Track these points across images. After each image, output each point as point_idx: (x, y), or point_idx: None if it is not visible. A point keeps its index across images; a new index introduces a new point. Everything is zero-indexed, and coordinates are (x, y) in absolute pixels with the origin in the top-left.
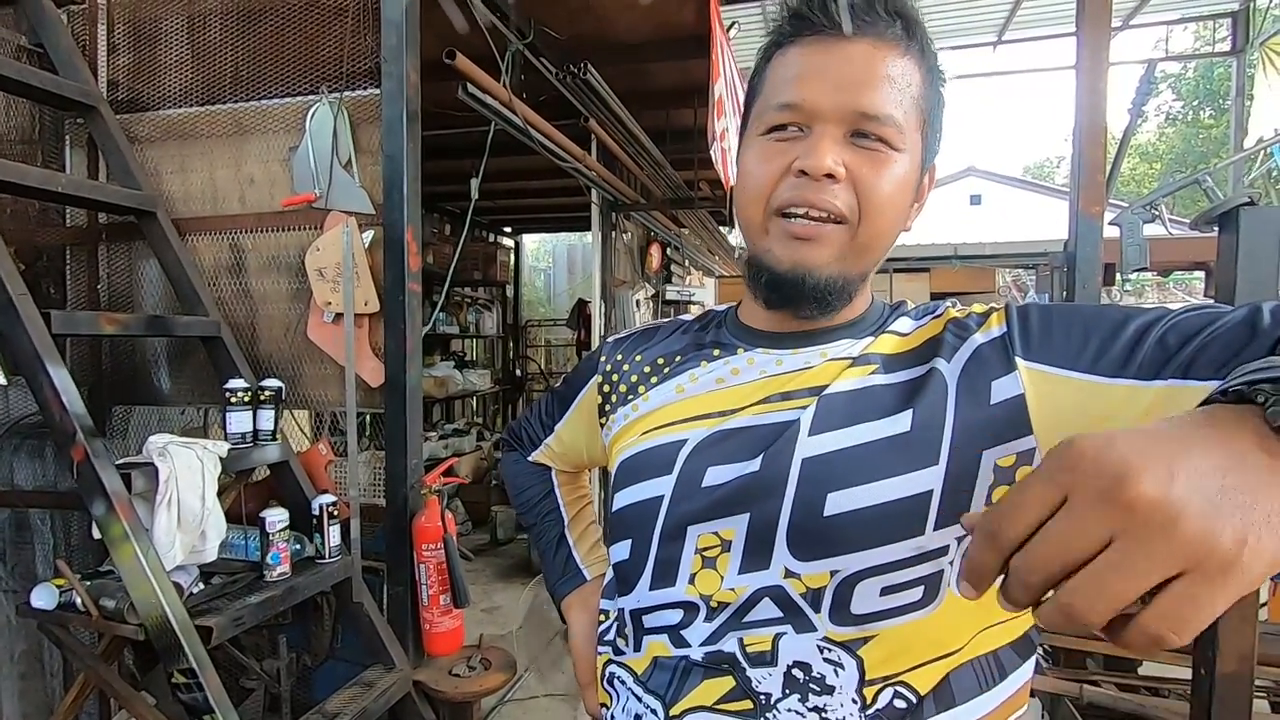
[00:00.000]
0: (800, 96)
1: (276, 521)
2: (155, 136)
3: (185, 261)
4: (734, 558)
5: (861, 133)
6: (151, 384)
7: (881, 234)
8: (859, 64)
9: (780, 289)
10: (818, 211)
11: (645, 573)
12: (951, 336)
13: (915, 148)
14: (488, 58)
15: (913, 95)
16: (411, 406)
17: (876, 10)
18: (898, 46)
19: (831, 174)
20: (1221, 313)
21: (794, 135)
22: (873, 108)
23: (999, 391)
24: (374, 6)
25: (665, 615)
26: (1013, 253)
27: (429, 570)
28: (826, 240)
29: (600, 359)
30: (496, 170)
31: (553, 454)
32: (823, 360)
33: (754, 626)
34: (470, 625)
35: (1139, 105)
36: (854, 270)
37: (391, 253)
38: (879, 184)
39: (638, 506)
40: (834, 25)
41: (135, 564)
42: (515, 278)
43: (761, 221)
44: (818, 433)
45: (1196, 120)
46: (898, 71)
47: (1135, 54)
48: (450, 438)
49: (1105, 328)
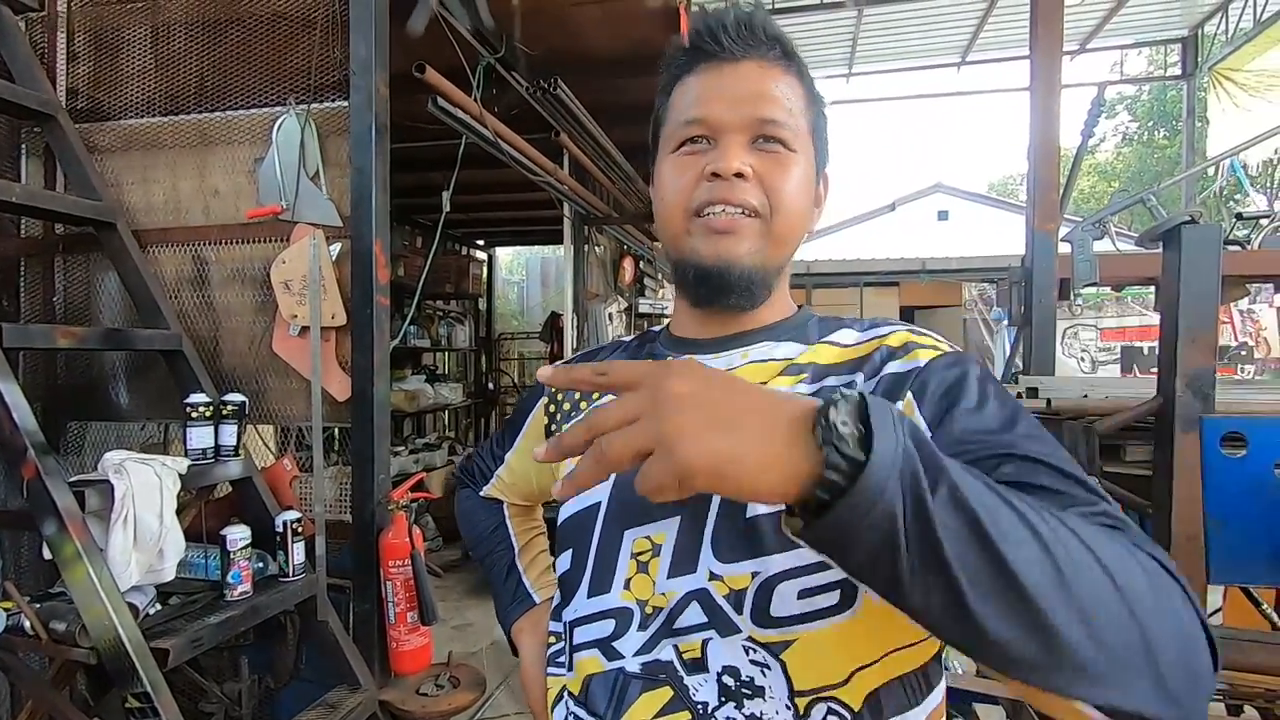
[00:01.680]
0: (705, 112)
1: (238, 539)
2: (116, 146)
3: (146, 273)
4: (664, 561)
5: (763, 137)
6: (109, 399)
7: (792, 226)
8: (752, 80)
9: (707, 281)
10: (733, 207)
11: (584, 581)
12: (878, 357)
13: (809, 153)
14: (459, 71)
15: (799, 108)
16: (379, 421)
17: (758, 35)
18: (780, 65)
19: (741, 173)
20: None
21: (702, 148)
22: (770, 114)
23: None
24: (343, 19)
25: (597, 627)
26: (978, 267)
27: (396, 587)
28: (744, 232)
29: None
30: (469, 183)
31: (504, 485)
32: (744, 361)
33: (685, 633)
34: (440, 642)
35: (1090, 128)
36: (772, 261)
37: (359, 265)
38: (783, 181)
39: (578, 516)
40: (725, 51)
41: (88, 585)
42: (488, 290)
43: (683, 224)
44: None
45: (1152, 140)
46: (784, 86)
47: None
48: (421, 452)
49: (989, 429)
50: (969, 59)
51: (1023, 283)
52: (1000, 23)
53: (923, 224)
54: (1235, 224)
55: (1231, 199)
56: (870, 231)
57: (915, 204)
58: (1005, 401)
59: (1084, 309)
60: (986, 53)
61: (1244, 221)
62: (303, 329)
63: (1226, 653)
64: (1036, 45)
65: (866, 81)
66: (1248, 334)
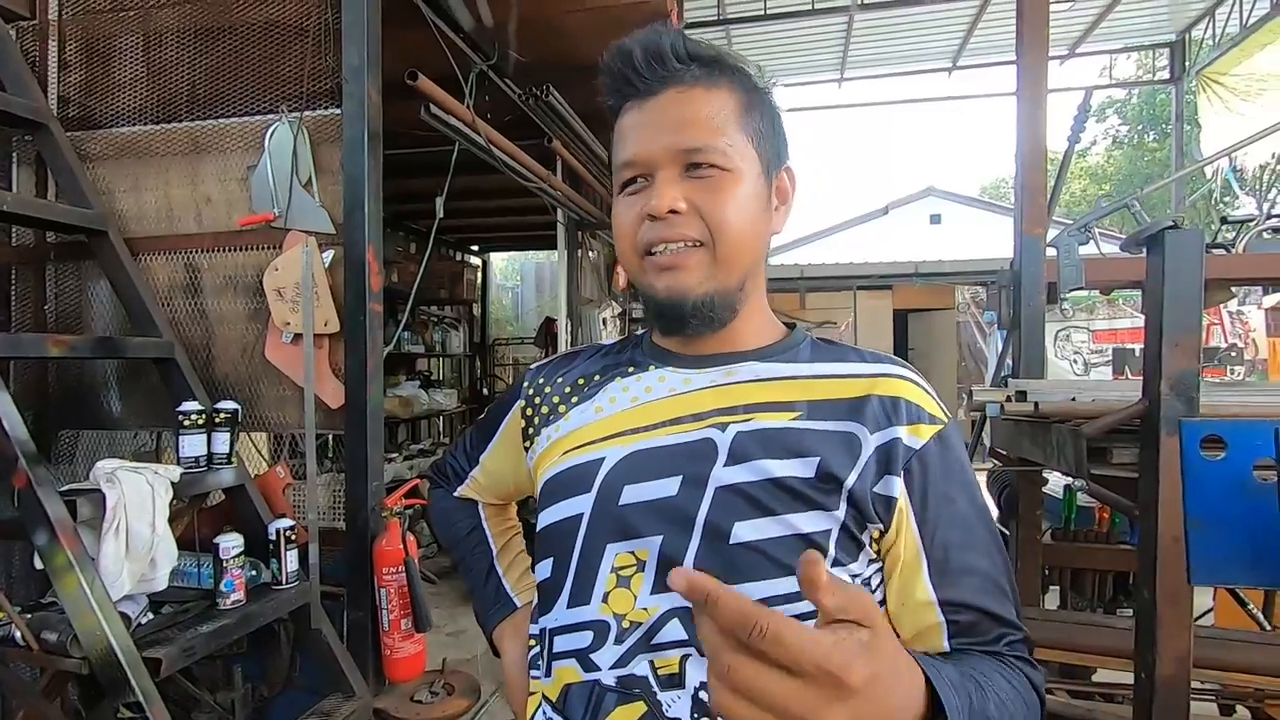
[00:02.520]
0: (634, 153)
1: (231, 547)
2: (108, 154)
3: (138, 281)
4: (648, 577)
5: (693, 164)
6: (101, 407)
7: (738, 246)
8: (671, 110)
9: (665, 315)
10: (673, 244)
11: (564, 591)
12: (880, 409)
13: (751, 161)
14: (451, 78)
15: (732, 119)
16: (373, 428)
17: (669, 63)
18: (701, 84)
19: (674, 209)
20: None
21: (642, 187)
22: (693, 142)
23: (886, 485)
24: (335, 26)
25: (576, 637)
26: (971, 270)
27: (390, 594)
28: (689, 264)
29: (523, 385)
30: (463, 189)
31: (479, 486)
32: (729, 380)
33: (663, 649)
34: (434, 650)
35: (1076, 133)
36: (726, 284)
37: (352, 272)
38: (719, 205)
39: (559, 525)
40: (641, 87)
41: (79, 594)
42: (483, 296)
43: (638, 263)
44: (733, 464)
45: (1142, 144)
46: (708, 105)
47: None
48: (416, 458)
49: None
50: (960, 64)
51: (1011, 286)
52: (990, 28)
53: (915, 227)
54: (1221, 228)
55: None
56: (863, 235)
57: (908, 207)
58: (972, 503)
59: (1076, 311)
60: (977, 58)
61: (1229, 225)
62: (295, 336)
63: (1217, 653)
64: (1023, 51)
65: (858, 86)
66: (1238, 335)
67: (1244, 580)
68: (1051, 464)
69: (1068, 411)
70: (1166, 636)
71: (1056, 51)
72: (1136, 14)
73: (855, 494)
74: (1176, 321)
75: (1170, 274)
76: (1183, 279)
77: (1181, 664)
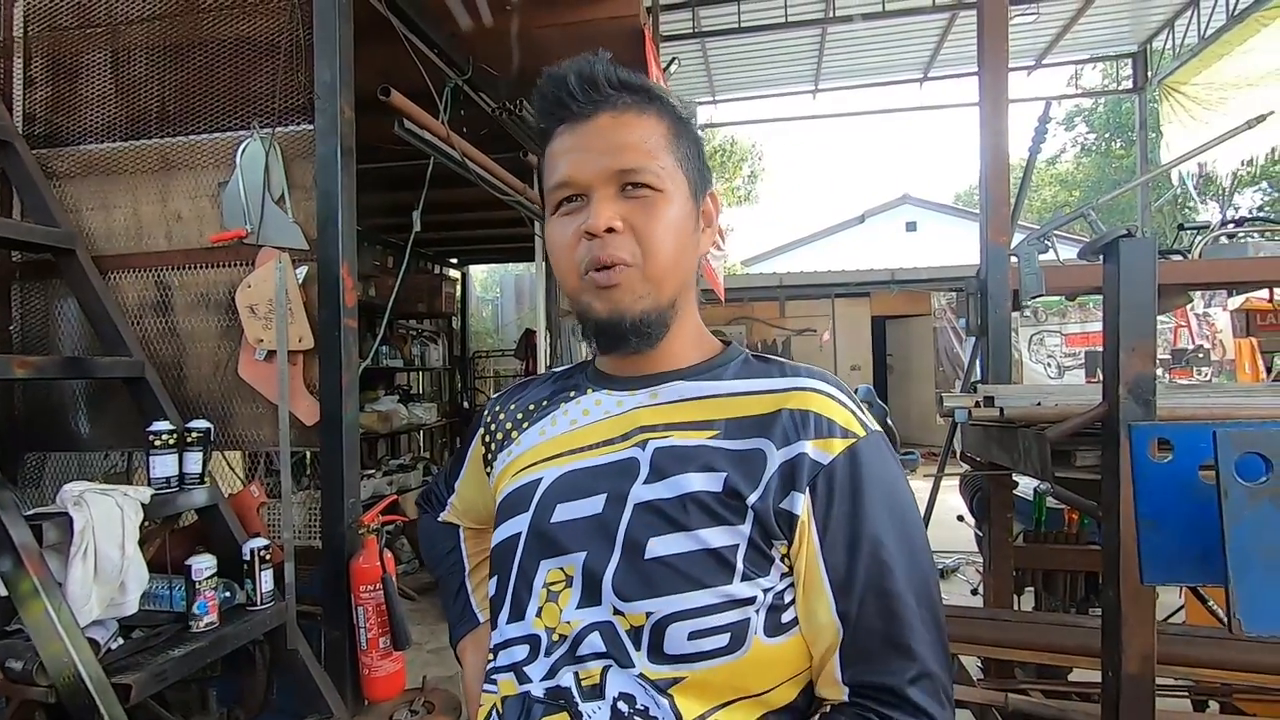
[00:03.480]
0: (570, 174)
1: (203, 569)
2: (75, 172)
3: (106, 300)
4: (574, 593)
5: (628, 184)
6: (69, 428)
7: (667, 264)
8: (606, 133)
9: (604, 332)
10: (610, 262)
11: (505, 606)
12: (790, 423)
13: (681, 184)
14: (425, 93)
15: (661, 144)
16: (348, 444)
17: (602, 89)
18: (632, 110)
19: (611, 228)
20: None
21: (577, 206)
22: (628, 164)
23: (790, 501)
24: (307, 43)
25: (514, 651)
26: (946, 276)
27: (368, 612)
28: (626, 283)
29: (484, 414)
30: (440, 202)
31: (457, 512)
32: (654, 401)
33: (585, 660)
34: (415, 667)
35: (1037, 143)
36: (660, 301)
37: (327, 288)
38: (651, 224)
39: (503, 544)
40: (576, 110)
41: (46, 621)
42: (462, 309)
43: (576, 283)
44: (651, 481)
45: (1109, 150)
46: (641, 131)
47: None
48: (395, 473)
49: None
50: (931, 75)
51: (979, 294)
52: (959, 41)
53: (892, 234)
54: (1178, 235)
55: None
56: (841, 243)
57: (884, 215)
58: (890, 518)
59: (1049, 315)
60: (947, 69)
61: (1185, 232)
62: (269, 353)
63: (1185, 650)
64: (984, 64)
65: (833, 97)
66: (1205, 337)
67: (1193, 579)
68: (1019, 467)
69: (1033, 416)
70: (1131, 635)
71: (1025, 62)
72: (1100, 25)
73: (759, 510)
74: (1132, 327)
75: (1125, 281)
76: (1137, 286)
77: (1147, 662)
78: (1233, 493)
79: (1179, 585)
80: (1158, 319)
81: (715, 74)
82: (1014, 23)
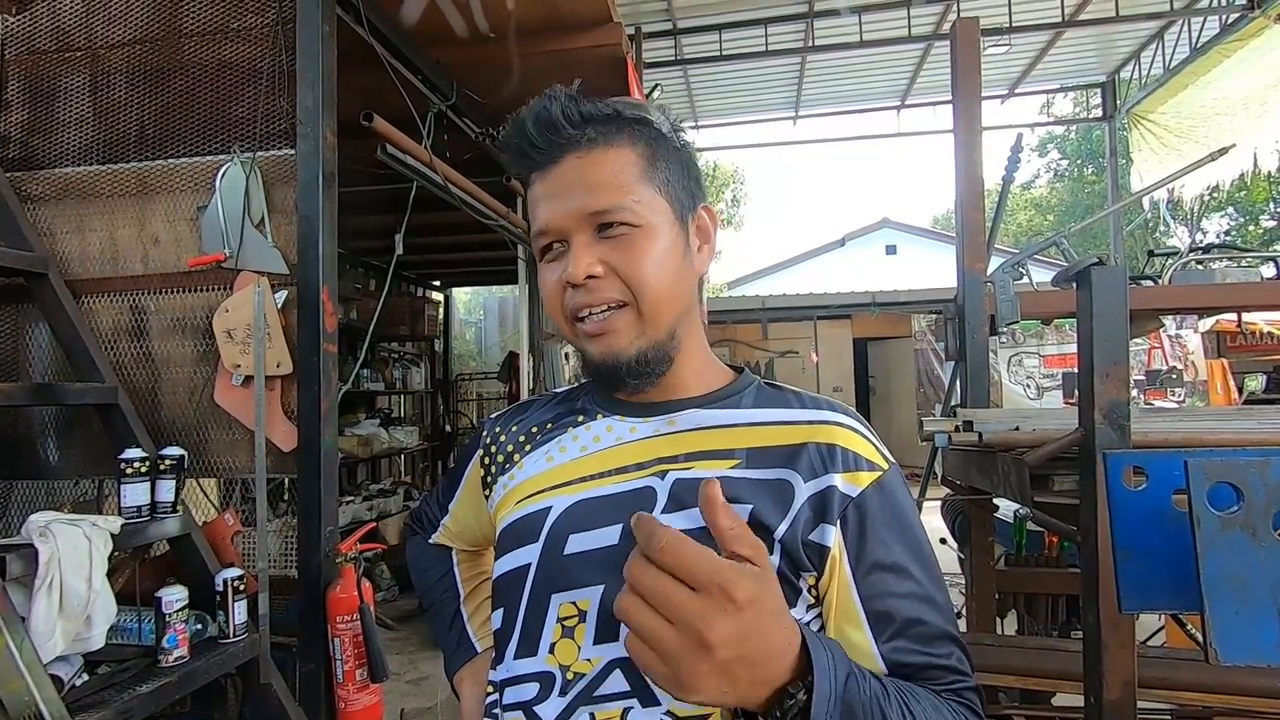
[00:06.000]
0: (546, 222)
1: (174, 601)
2: (50, 195)
3: (80, 325)
4: (589, 628)
5: (604, 224)
6: (38, 456)
7: (661, 299)
8: (573, 176)
9: (602, 375)
10: (597, 309)
11: (512, 642)
12: (816, 457)
13: (663, 211)
14: (409, 118)
15: (634, 175)
16: (326, 471)
17: (562, 131)
18: (599, 146)
19: (591, 274)
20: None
21: (560, 252)
22: (599, 205)
23: (821, 533)
24: (290, 68)
25: (524, 689)
26: (925, 299)
27: (344, 644)
28: (617, 327)
29: (483, 434)
30: (423, 225)
31: (450, 534)
32: (671, 429)
33: (605, 701)
34: (394, 698)
35: (1010, 172)
36: (657, 337)
37: (306, 313)
38: (635, 262)
39: (509, 575)
40: (541, 158)
41: (7, 657)
42: (445, 331)
43: (569, 329)
44: (670, 511)
45: (1081, 177)
46: (609, 165)
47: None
48: (376, 499)
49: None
50: (908, 102)
51: (956, 319)
52: (935, 69)
53: (872, 258)
54: (1149, 259)
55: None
56: (822, 266)
57: (864, 239)
58: (914, 549)
59: (1026, 337)
60: (924, 96)
61: (1156, 258)
62: (246, 378)
63: (1165, 673)
64: (958, 94)
65: (813, 123)
66: (1178, 358)
67: (1169, 605)
68: (998, 492)
69: (1011, 441)
70: (1112, 661)
71: (998, 91)
72: (1070, 56)
73: (786, 543)
74: (1106, 353)
75: (1098, 309)
76: (1109, 313)
77: (1128, 687)
78: (1205, 522)
79: (1157, 612)
80: (1131, 341)
81: (697, 100)
82: (987, 54)
